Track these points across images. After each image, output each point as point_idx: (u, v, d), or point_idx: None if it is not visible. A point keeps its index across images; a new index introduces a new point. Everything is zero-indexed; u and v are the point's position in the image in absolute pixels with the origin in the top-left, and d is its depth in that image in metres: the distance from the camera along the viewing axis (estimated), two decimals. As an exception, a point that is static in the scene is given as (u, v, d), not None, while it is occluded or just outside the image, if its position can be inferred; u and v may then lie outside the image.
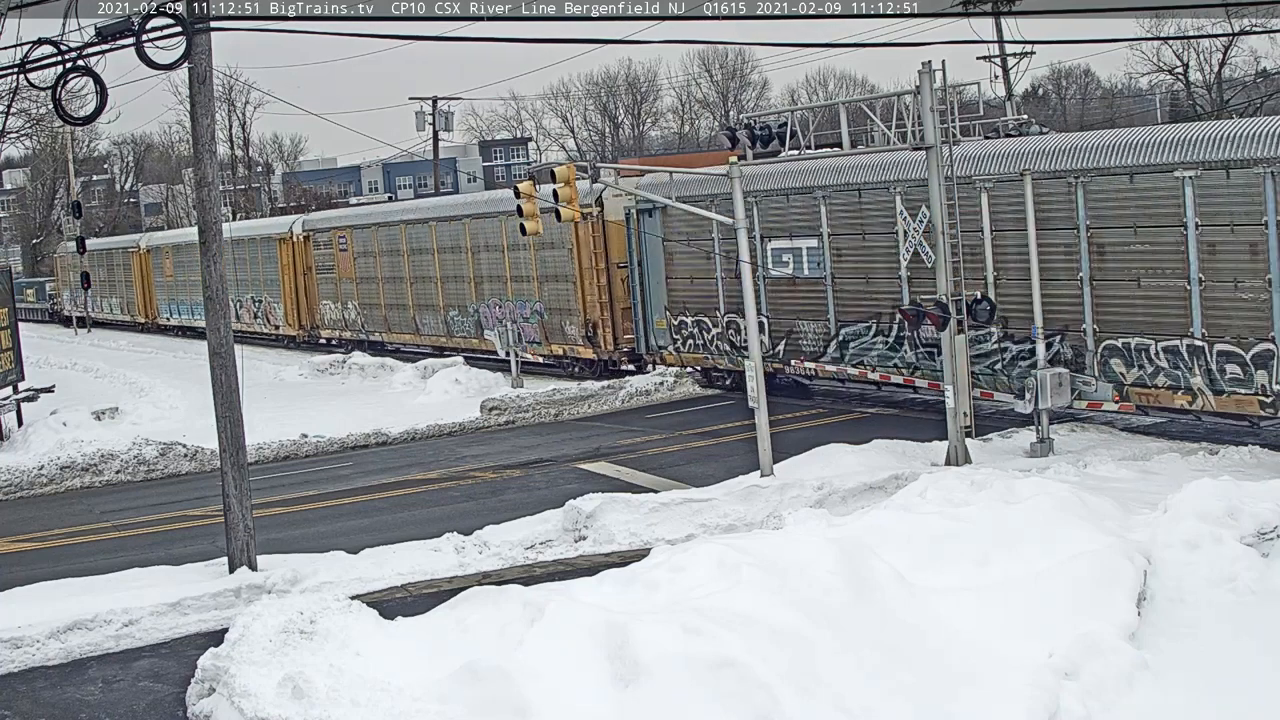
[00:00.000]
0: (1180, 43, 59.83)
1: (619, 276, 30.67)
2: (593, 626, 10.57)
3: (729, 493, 17.85)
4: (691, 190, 26.75)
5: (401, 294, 38.57)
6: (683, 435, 24.20)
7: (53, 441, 26.28)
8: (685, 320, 28.60)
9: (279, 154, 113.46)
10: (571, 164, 20.26)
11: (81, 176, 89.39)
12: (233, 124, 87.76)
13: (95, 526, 20.49)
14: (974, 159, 21.80)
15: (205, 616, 14.56)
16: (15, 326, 29.77)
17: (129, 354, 48.28)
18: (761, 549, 12.07)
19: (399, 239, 38.24)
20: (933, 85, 19.10)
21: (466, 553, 16.37)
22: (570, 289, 31.74)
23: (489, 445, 25.11)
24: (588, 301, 31.32)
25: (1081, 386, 20.76)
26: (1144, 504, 14.32)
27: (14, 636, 13.81)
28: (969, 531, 12.77)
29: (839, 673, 10.32)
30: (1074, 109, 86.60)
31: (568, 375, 32.06)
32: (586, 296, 31.31)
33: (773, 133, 21.44)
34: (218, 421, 15.85)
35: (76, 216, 59.53)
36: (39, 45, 14.36)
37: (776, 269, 25.89)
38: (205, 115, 15.66)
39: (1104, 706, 10.48)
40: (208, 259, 15.86)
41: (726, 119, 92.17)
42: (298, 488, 22.30)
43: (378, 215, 41.08)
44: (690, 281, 28.37)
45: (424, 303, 37.65)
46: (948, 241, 19.57)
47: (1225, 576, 11.87)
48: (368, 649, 11.30)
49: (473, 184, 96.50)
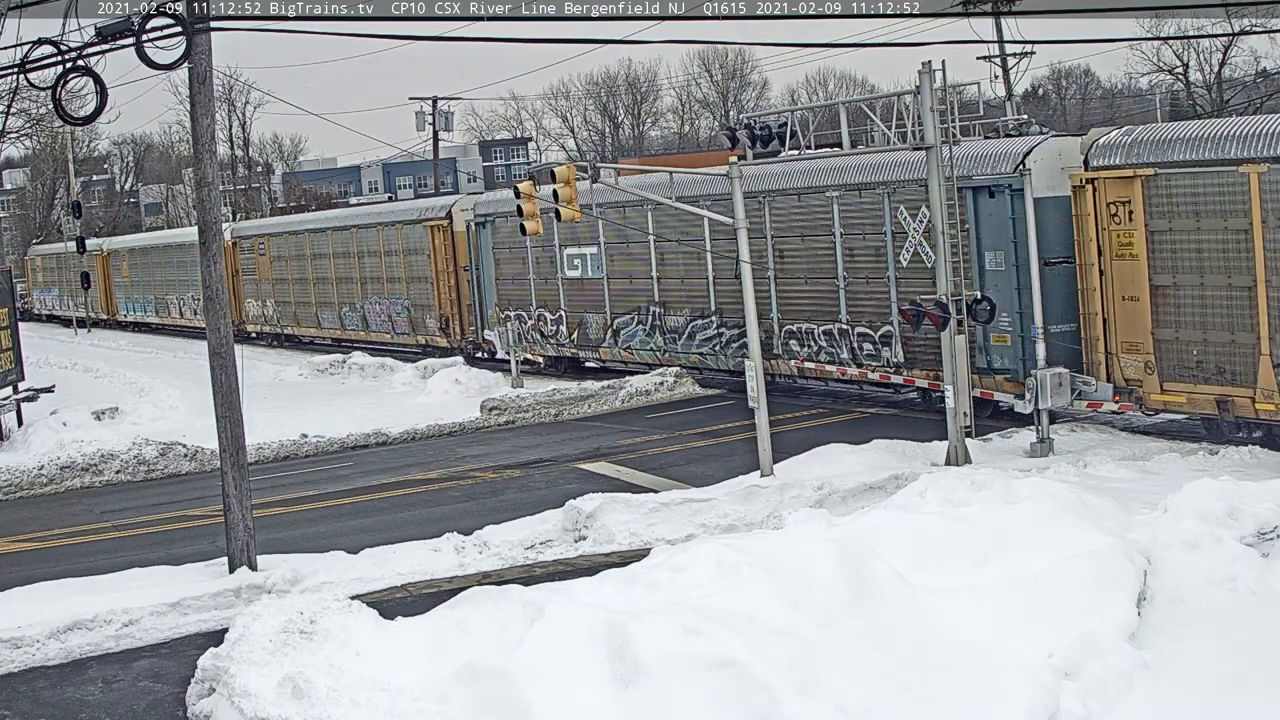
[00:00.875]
0: (1180, 43, 59.85)
1: (465, 278, 35.76)
2: (593, 626, 10.58)
3: (729, 493, 17.85)
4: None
5: (306, 293, 43.95)
6: (683, 435, 24.20)
7: (53, 441, 26.28)
8: (509, 314, 33.94)
9: (279, 154, 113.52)
10: (571, 164, 20.26)
11: (81, 176, 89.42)
12: (233, 124, 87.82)
13: (95, 526, 20.49)
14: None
15: (205, 616, 14.56)
16: (15, 326, 29.78)
17: (129, 354, 48.30)
18: (761, 549, 12.07)
19: (304, 246, 43.39)
20: (933, 85, 19.11)
21: (466, 553, 16.37)
22: (429, 288, 37.29)
23: (489, 445, 25.11)
24: (442, 299, 36.85)
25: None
26: (1144, 504, 14.32)
27: (14, 636, 13.81)
28: (969, 531, 12.77)
29: (839, 672, 10.33)
30: (1074, 109, 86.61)
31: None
32: (441, 295, 36.84)
33: (773, 133, 21.46)
34: (218, 421, 15.85)
35: (76, 216, 59.60)
36: (39, 45, 14.37)
37: (570, 271, 31.64)
38: (205, 115, 15.66)
39: (1104, 706, 10.47)
40: (208, 259, 15.86)
41: (726, 119, 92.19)
42: (298, 488, 22.30)
43: (289, 225, 46.15)
44: (513, 282, 33.80)
45: (323, 300, 43.10)
46: (948, 241, 19.59)
47: (1225, 576, 11.86)
48: (368, 649, 11.30)
49: (473, 184, 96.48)
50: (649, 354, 29.83)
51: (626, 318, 30.38)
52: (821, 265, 25.32)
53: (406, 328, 38.58)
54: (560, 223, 22.23)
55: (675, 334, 29.02)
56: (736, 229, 19.36)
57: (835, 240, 24.85)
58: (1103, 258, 20.30)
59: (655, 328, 29.62)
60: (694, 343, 28.64)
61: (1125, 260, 20.02)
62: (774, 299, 26.26)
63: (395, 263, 38.71)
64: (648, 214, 28.47)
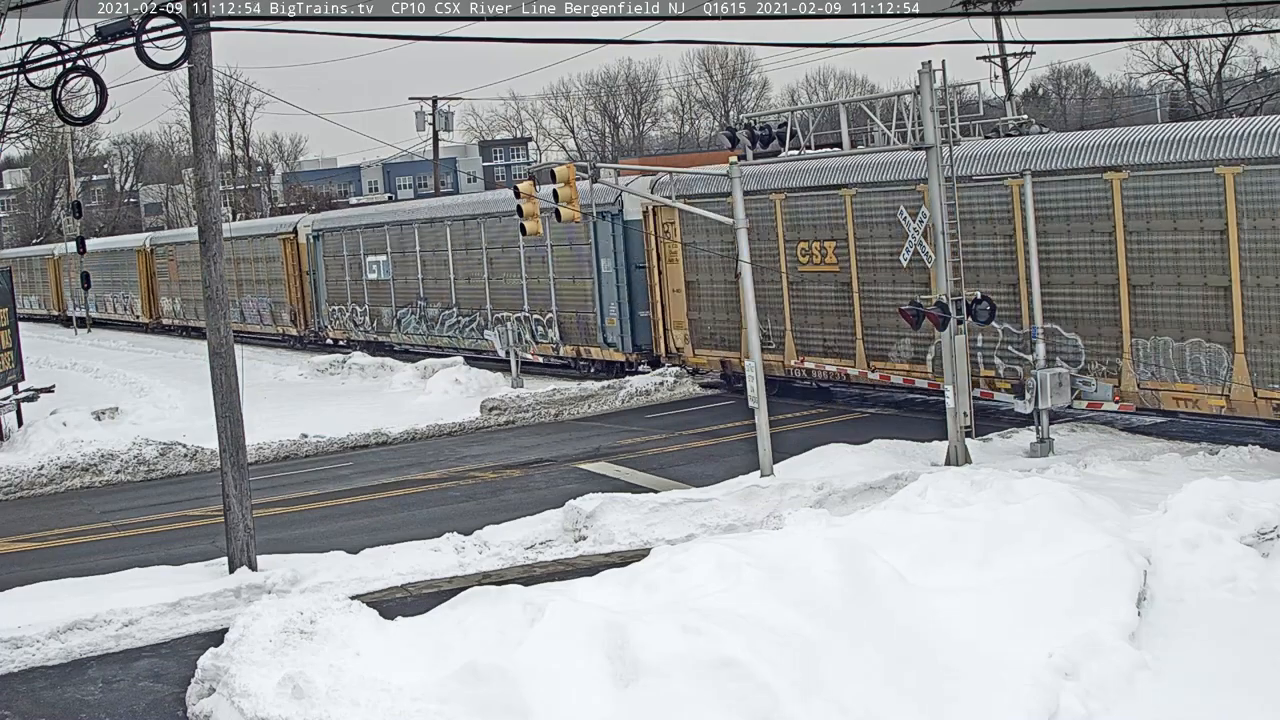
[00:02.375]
0: (1180, 43, 59.90)
1: (307, 281, 44.36)
2: (593, 626, 10.57)
3: (729, 493, 17.85)
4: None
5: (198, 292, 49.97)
6: (683, 435, 24.21)
7: (53, 441, 26.28)
8: (337, 308, 42.74)
9: (279, 154, 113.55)
10: (571, 164, 20.29)
11: (81, 176, 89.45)
12: (233, 124, 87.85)
13: (95, 526, 20.50)
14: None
15: (205, 616, 14.56)
16: (15, 326, 29.77)
17: (129, 354, 48.34)
18: (761, 549, 12.06)
19: (186, 255, 51.15)
20: (933, 85, 19.10)
21: (466, 553, 16.37)
22: (283, 288, 45.85)
23: (489, 445, 25.12)
24: (292, 297, 45.42)
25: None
26: (1144, 504, 14.32)
27: (14, 636, 13.81)
28: (969, 531, 12.77)
29: (839, 673, 10.32)
30: (1074, 109, 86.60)
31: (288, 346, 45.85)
32: (291, 293, 45.41)
33: (773, 133, 21.47)
34: (218, 421, 15.85)
35: (76, 216, 59.69)
36: (39, 45, 14.36)
37: (370, 274, 40.34)
38: (205, 115, 15.66)
39: (1104, 706, 10.47)
40: (208, 259, 15.86)
41: (726, 119, 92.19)
42: (298, 488, 22.31)
43: (183, 236, 53.67)
44: (338, 283, 42.53)
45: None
46: (948, 241, 19.59)
47: (1225, 576, 11.87)
48: (368, 649, 11.29)
49: (473, 184, 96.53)
50: (419, 338, 38.79)
51: (405, 309, 39.15)
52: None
53: (270, 320, 47.14)
54: (361, 232, 28.45)
55: (433, 321, 37.81)
56: (736, 229, 19.35)
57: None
58: (660, 263, 29.73)
59: (421, 317, 38.26)
60: (444, 328, 37.30)
61: (673, 264, 29.45)
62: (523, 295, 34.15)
63: (261, 268, 47.21)
64: (445, 228, 37.04)
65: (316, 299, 43.79)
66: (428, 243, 37.66)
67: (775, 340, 26.19)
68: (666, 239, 28.97)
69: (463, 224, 36.10)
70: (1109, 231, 20.34)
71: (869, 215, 24.37)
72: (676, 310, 29.21)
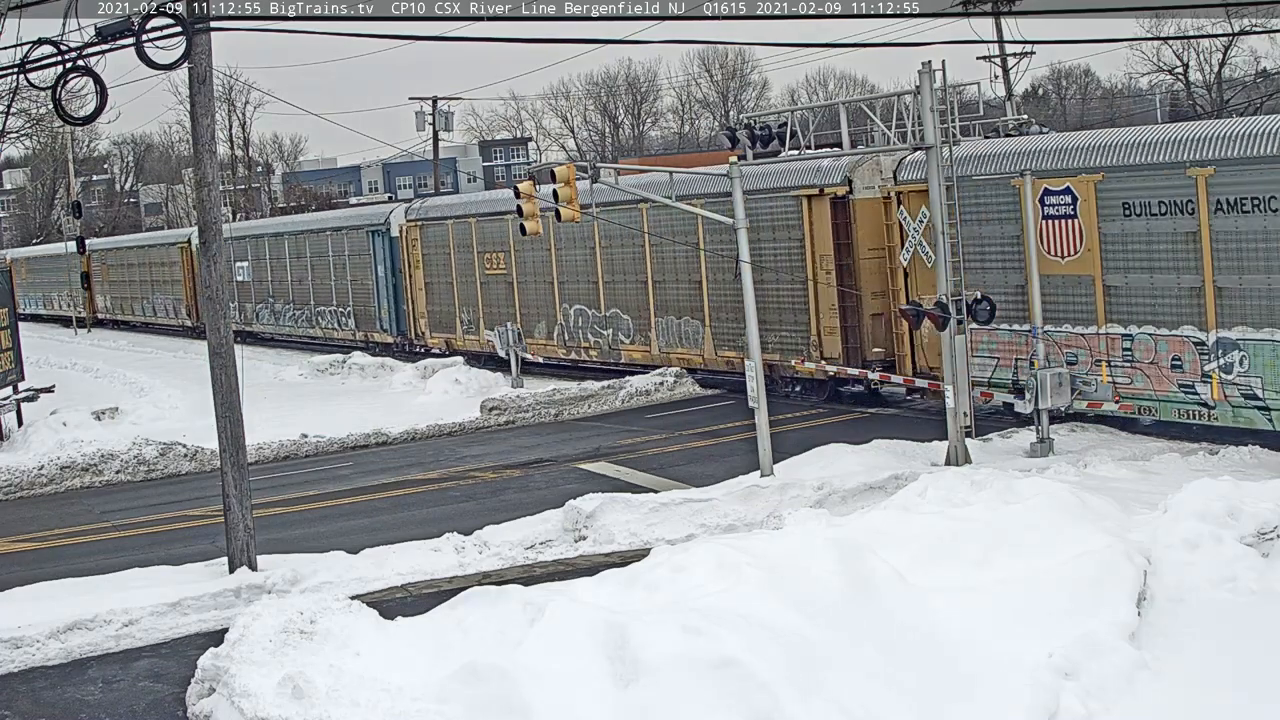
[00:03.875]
0: (1180, 43, 59.90)
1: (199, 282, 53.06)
2: (593, 626, 10.57)
3: (729, 493, 17.85)
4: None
5: (126, 291, 62.70)
6: (682, 435, 24.20)
7: (53, 441, 26.29)
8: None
9: (279, 154, 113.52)
10: (571, 164, 20.28)
11: (81, 176, 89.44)
12: (233, 124, 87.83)
13: (95, 526, 20.49)
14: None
15: (205, 616, 14.56)
16: (15, 326, 29.77)
17: (129, 354, 48.36)
18: (761, 549, 12.06)
19: (124, 258, 62.09)
20: (933, 85, 19.10)
21: (466, 553, 16.36)
22: (181, 288, 54.72)
23: (489, 445, 25.12)
24: (188, 295, 53.66)
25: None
26: (1144, 504, 14.32)
27: (14, 636, 13.81)
28: (969, 531, 12.77)
29: (839, 673, 10.32)
30: (1074, 109, 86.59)
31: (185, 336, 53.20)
32: (187, 292, 53.82)
33: (773, 133, 21.46)
34: (218, 421, 15.84)
35: (76, 216, 59.74)
36: (39, 45, 14.35)
37: (238, 277, 47.90)
38: (205, 115, 15.65)
39: (1104, 706, 10.47)
40: (208, 259, 15.86)
41: (726, 119, 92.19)
42: (298, 488, 22.31)
43: (122, 243, 65.84)
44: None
45: (134, 296, 61.55)
46: (948, 241, 19.60)
47: (1225, 576, 11.87)
48: (368, 649, 11.29)
49: (473, 184, 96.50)
50: (270, 327, 47.78)
51: (260, 305, 48.23)
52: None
53: (173, 314, 56.21)
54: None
55: (278, 314, 46.83)
56: (736, 229, 19.36)
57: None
58: (410, 269, 38.32)
59: (271, 311, 47.38)
60: (285, 320, 46.45)
61: (417, 270, 37.96)
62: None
63: (163, 271, 56.66)
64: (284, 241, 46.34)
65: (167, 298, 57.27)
66: (273, 252, 47.02)
67: (472, 324, 36.14)
68: (413, 251, 38.16)
69: (294, 238, 45.63)
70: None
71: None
72: (420, 304, 38.35)
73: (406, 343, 39.27)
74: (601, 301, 31.33)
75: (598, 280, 31.39)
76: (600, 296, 31.37)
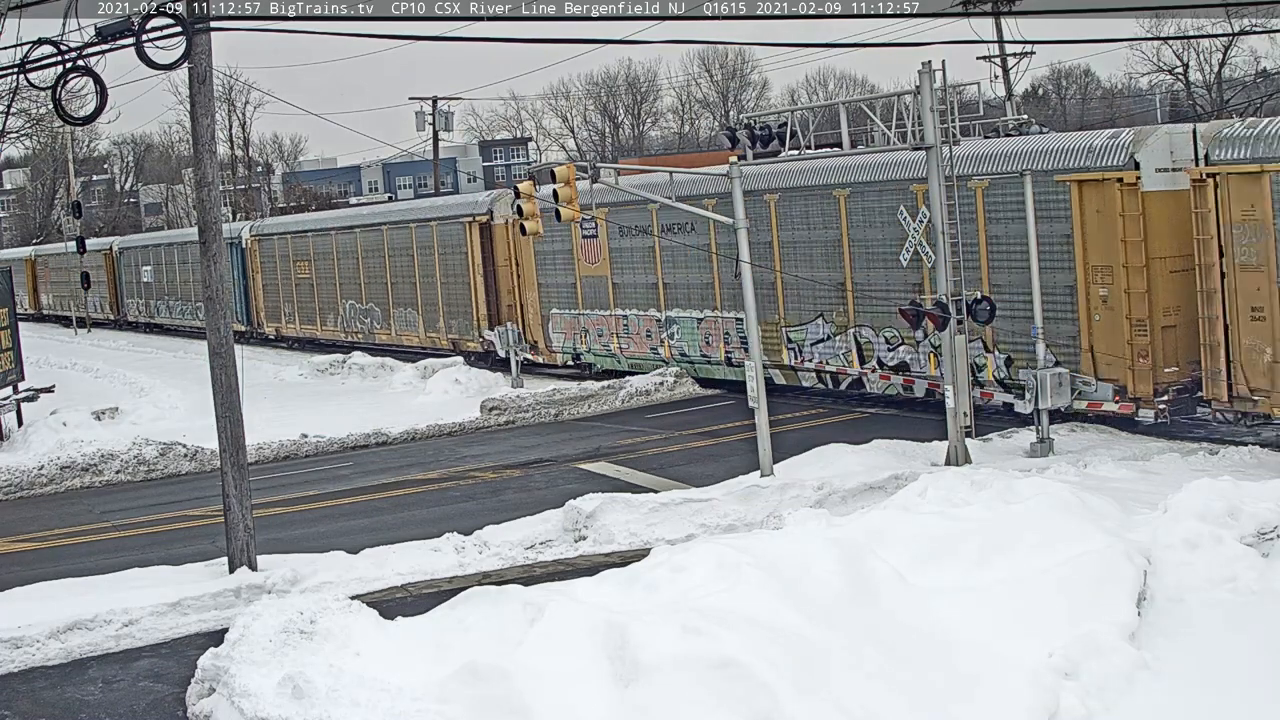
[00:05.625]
0: (1180, 43, 59.86)
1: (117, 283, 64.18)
2: (593, 626, 10.57)
3: (729, 493, 17.85)
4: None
5: (63, 290, 70.06)
6: (683, 435, 24.21)
7: (53, 441, 26.27)
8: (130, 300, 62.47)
9: (279, 154, 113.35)
10: (571, 164, 20.27)
11: (81, 176, 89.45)
12: (233, 124, 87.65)
13: (95, 526, 20.49)
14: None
15: (205, 616, 14.56)
16: (15, 326, 29.76)
17: (129, 354, 48.36)
18: (761, 549, 12.06)
19: (63, 262, 67.59)
20: (933, 85, 19.10)
21: (466, 553, 16.36)
22: (105, 288, 64.49)
23: (489, 445, 25.12)
24: (110, 293, 64.01)
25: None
26: (1144, 504, 14.31)
27: (14, 636, 13.81)
28: (969, 531, 12.77)
29: (839, 673, 10.32)
30: (1074, 109, 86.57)
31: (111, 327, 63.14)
32: (110, 291, 64.10)
33: (773, 133, 21.48)
34: (218, 421, 15.84)
35: (76, 216, 59.78)
36: (39, 45, 14.35)
37: (144, 279, 59.06)
38: (205, 115, 15.65)
39: (1104, 706, 10.47)
40: (208, 259, 15.85)
41: (726, 119, 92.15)
42: (298, 488, 22.31)
43: (56, 250, 71.03)
44: (132, 283, 61.88)
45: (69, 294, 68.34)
46: (948, 241, 19.60)
47: (1225, 576, 11.87)
48: (368, 649, 11.29)
49: (472, 184, 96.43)
50: (165, 319, 57.49)
51: (158, 301, 58.39)
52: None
53: (95, 309, 64.58)
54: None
55: (171, 309, 56.75)
56: (736, 229, 19.36)
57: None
58: (253, 273, 47.39)
59: (165, 305, 57.42)
60: (174, 313, 56.23)
61: (258, 274, 47.38)
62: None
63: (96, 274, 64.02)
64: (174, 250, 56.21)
65: (120, 294, 64.02)
66: (165, 257, 57.42)
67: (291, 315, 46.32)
68: (254, 259, 47.85)
69: (180, 248, 54.26)
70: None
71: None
72: (259, 300, 48.33)
73: (251, 329, 48.42)
74: (364, 297, 42.02)
75: (361, 283, 42.12)
76: (363, 293, 42.06)
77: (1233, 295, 19.03)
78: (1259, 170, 18.51)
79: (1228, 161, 19.01)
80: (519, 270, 34.51)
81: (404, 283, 39.53)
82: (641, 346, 30.24)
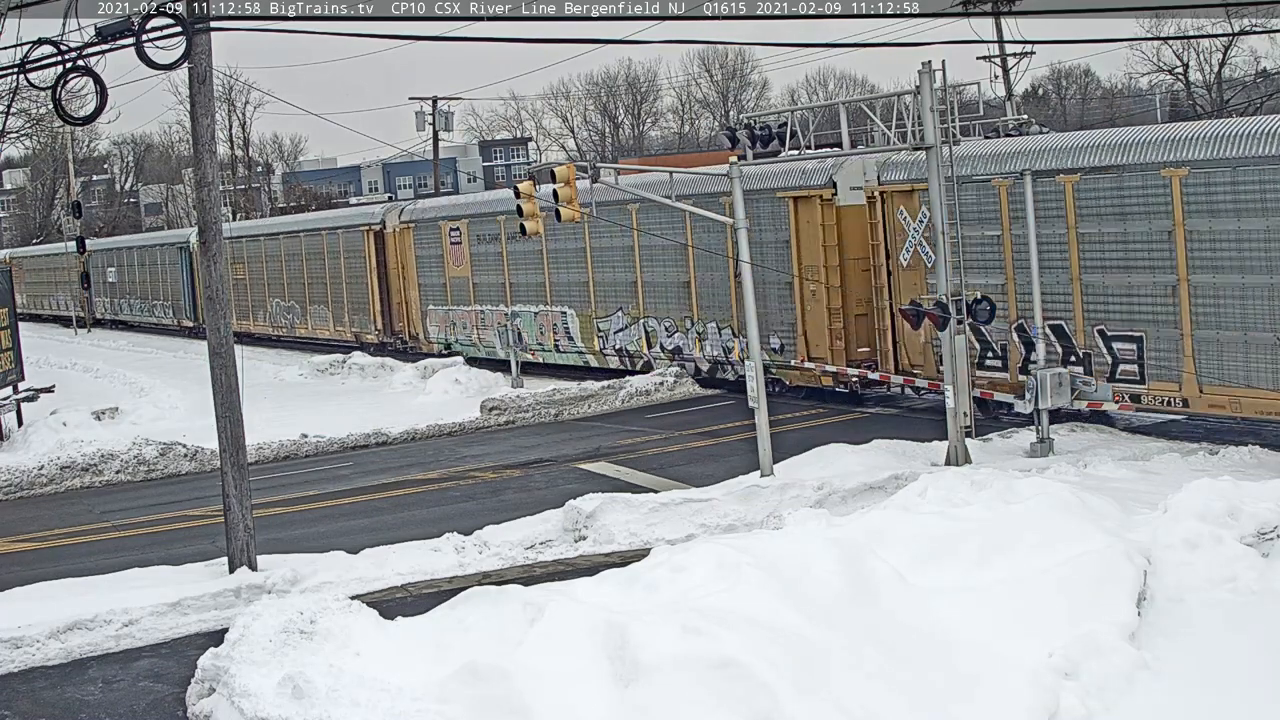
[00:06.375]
0: (1180, 43, 59.90)
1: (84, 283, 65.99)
2: (593, 626, 10.57)
3: (729, 493, 17.85)
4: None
5: (37, 290, 74.11)
6: (682, 435, 24.21)
7: (53, 441, 26.27)
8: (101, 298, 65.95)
9: (279, 154, 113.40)
10: (571, 164, 20.28)
11: (81, 176, 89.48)
12: (233, 124, 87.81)
13: (95, 526, 20.49)
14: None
15: (205, 616, 14.56)
16: (15, 326, 29.77)
17: (129, 354, 48.38)
18: (762, 549, 12.06)
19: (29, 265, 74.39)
20: (933, 85, 19.10)
21: (466, 553, 16.36)
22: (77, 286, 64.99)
23: (489, 445, 25.12)
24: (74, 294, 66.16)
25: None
26: (1144, 504, 14.31)
27: (14, 636, 13.81)
28: (969, 531, 12.77)
29: (839, 673, 10.32)
30: (1074, 109, 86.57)
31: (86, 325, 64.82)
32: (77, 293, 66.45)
33: (773, 133, 21.47)
34: (218, 421, 15.84)
35: (76, 216, 59.85)
36: (39, 45, 14.34)
37: (109, 279, 63.58)
38: (205, 115, 15.65)
39: (1104, 706, 10.47)
40: (208, 259, 15.85)
41: (726, 119, 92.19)
42: (298, 488, 22.31)
43: (25, 252, 78.15)
44: (101, 282, 64.65)
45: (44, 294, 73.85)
46: (948, 241, 19.61)
47: (1225, 576, 11.87)
48: (368, 649, 11.29)
49: (473, 184, 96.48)
50: (129, 316, 62.27)
51: (122, 299, 63.24)
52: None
53: (65, 307, 67.78)
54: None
55: (134, 306, 61.63)
56: (736, 229, 19.36)
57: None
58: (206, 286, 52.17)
59: (128, 303, 62.21)
60: (139, 310, 60.76)
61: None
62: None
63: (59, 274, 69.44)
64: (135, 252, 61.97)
65: (94, 297, 67.31)
66: (126, 260, 62.46)
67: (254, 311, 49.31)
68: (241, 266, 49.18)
69: (138, 251, 61.06)
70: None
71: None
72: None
73: (198, 324, 50.58)
74: (286, 295, 46.83)
75: (284, 283, 46.89)
76: (286, 292, 46.93)
77: (898, 290, 24.39)
78: (910, 189, 23.68)
79: (892, 182, 24.23)
80: (404, 272, 39.76)
81: (318, 283, 44.84)
82: (489, 335, 35.84)
